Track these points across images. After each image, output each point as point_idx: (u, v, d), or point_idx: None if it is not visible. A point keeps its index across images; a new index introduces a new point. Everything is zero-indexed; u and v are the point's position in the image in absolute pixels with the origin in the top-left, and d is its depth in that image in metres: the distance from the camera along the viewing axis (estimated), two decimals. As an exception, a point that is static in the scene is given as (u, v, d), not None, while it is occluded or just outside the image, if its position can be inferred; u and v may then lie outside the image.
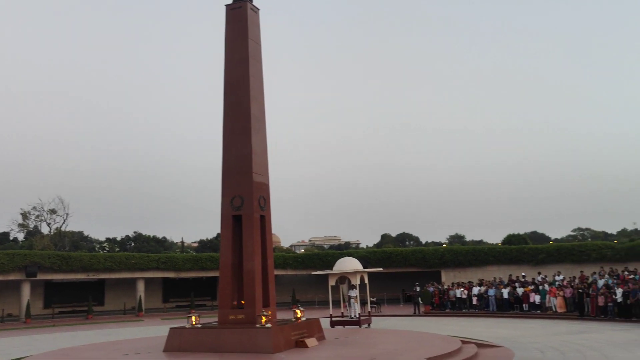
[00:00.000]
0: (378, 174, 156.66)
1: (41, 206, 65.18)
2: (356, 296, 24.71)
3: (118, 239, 78.19)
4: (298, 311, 17.54)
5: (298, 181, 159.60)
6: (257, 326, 15.40)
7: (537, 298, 29.23)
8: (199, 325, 16.72)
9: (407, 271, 44.25)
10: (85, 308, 41.24)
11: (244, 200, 16.98)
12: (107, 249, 74.55)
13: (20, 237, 70.64)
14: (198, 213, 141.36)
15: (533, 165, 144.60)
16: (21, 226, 68.33)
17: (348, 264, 24.93)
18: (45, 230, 66.90)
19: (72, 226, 75.87)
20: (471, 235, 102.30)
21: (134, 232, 79.15)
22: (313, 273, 30.96)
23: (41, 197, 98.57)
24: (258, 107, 18.10)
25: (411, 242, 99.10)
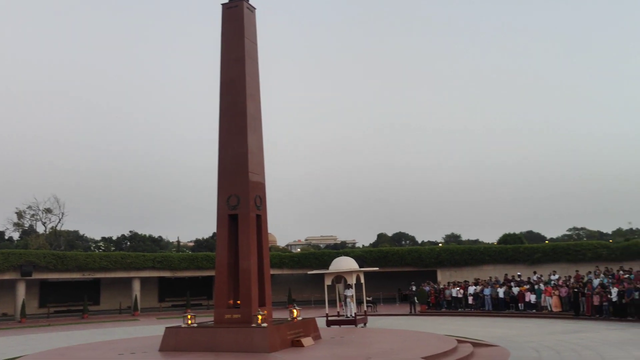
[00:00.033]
0: (374, 174, 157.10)
1: (36, 205, 64.99)
2: (352, 295, 24.72)
3: (114, 239, 77.91)
4: (294, 310, 17.55)
5: (294, 181, 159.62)
6: (253, 325, 15.41)
7: (533, 297, 29.30)
8: (195, 324, 16.71)
9: (403, 270, 44.33)
10: (80, 307, 41.20)
11: (240, 199, 16.97)
12: (103, 248, 74.32)
13: (15, 237, 70.31)
14: (194, 212, 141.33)
15: (529, 165, 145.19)
16: (16, 225, 68.04)
17: (344, 264, 24.97)
18: (40, 229, 66.74)
19: (68, 225, 75.50)
20: (467, 234, 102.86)
21: (130, 232, 78.85)
22: (309, 272, 30.96)
23: (36, 196, 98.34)
24: (254, 106, 18.10)
25: (407, 242, 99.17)
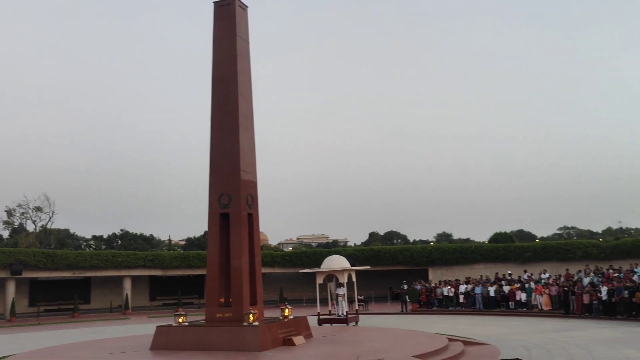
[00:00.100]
0: (366, 173, 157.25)
1: (26, 203, 64.58)
2: (344, 294, 24.75)
3: (104, 237, 77.57)
4: (286, 309, 17.56)
5: (286, 179, 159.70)
6: (245, 324, 15.40)
7: (523, 296, 29.44)
8: (186, 323, 16.67)
9: (395, 269, 44.42)
10: (71, 306, 40.94)
11: (232, 198, 16.94)
12: (94, 247, 73.95)
13: (5, 235, 69.82)
14: (185, 211, 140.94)
15: (519, 165, 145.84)
16: (6, 224, 67.58)
17: (336, 262, 24.99)
18: (30, 227, 66.33)
19: (58, 224, 75.21)
20: (458, 233, 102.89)
21: (121, 230, 78.52)
22: (301, 271, 30.97)
23: (26, 195, 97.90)
24: (246, 105, 18.06)
25: (399, 240, 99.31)
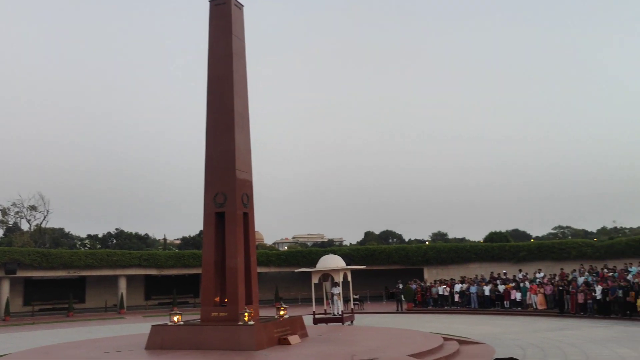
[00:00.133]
0: (361, 172, 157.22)
1: (21, 202, 64.37)
2: (339, 293, 24.75)
3: (100, 236, 77.35)
4: (281, 308, 17.54)
5: (282, 179, 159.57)
6: (240, 323, 15.36)
7: (518, 295, 29.51)
8: (182, 322, 16.64)
9: (390, 268, 44.47)
10: (65, 305, 40.87)
11: (227, 197, 16.91)
12: (89, 246, 73.70)
13: (-1, 234, 69.64)
14: (181, 210, 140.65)
15: (515, 165, 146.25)
16: (0, 223, 67.36)
17: (331, 262, 24.97)
18: (25, 227, 66.14)
19: (53, 223, 74.95)
20: (453, 233, 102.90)
21: (116, 229, 78.30)
22: (296, 270, 30.93)
23: (21, 194, 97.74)
24: (241, 104, 18.03)
25: (394, 240, 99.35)
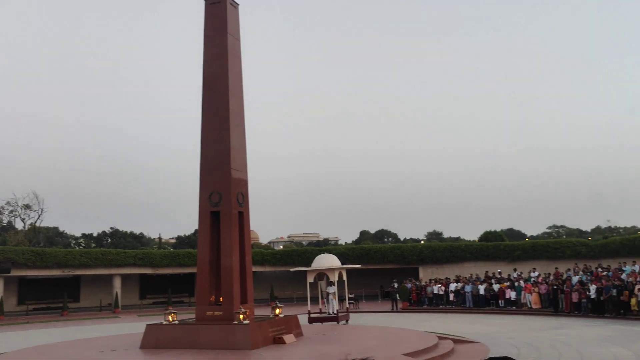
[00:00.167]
0: (357, 172, 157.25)
1: (15, 201, 64.08)
2: (334, 293, 24.77)
3: (94, 235, 77.14)
4: (276, 308, 17.53)
5: (277, 178, 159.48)
6: (235, 323, 15.36)
7: (513, 294, 29.60)
8: (176, 321, 16.61)
9: (385, 268, 44.49)
10: (60, 305, 40.70)
11: (222, 196, 16.89)
12: (83, 245, 73.45)
13: (-7, 233, 69.32)
14: (176, 209, 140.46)
15: (509, 164, 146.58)
16: (-6, 221, 67.14)
17: (326, 261, 24.98)
18: (19, 225, 65.82)
19: (47, 222, 74.46)
20: (449, 232, 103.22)
21: (111, 228, 78.09)
22: (291, 269, 30.96)
23: (15, 192, 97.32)
24: (237, 103, 18.02)
25: (389, 239, 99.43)
